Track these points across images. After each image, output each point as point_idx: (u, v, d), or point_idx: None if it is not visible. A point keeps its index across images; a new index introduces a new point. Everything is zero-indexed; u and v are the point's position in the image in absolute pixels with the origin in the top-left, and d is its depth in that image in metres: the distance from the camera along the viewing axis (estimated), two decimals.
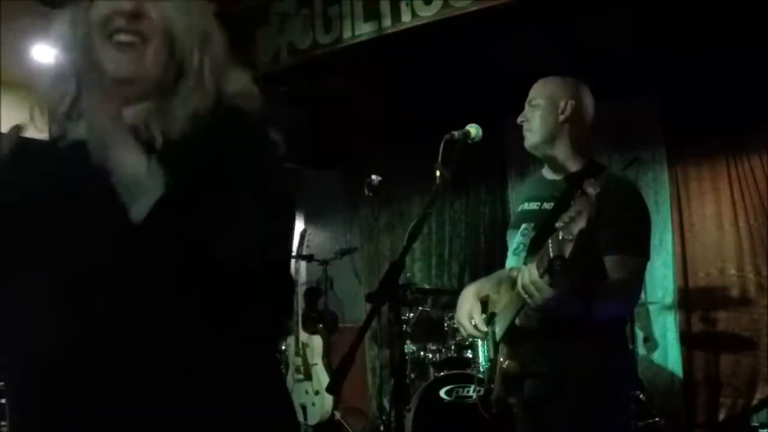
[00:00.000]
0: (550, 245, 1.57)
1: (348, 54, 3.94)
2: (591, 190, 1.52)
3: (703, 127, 4.59)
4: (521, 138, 2.13)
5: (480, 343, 2.16)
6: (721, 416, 4.50)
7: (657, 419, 3.83)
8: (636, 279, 1.88)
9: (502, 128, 5.27)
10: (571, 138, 2.05)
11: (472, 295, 2.12)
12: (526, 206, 2.11)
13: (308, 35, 3.98)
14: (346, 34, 3.84)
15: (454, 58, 4.45)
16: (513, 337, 1.93)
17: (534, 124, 2.05)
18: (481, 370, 2.17)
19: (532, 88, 2.13)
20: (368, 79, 4.76)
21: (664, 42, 4.19)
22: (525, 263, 1.90)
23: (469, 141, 1.94)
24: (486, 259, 5.52)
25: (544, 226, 1.90)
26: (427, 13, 3.55)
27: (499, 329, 1.98)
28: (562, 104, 2.05)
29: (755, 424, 4.34)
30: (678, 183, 4.78)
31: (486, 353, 2.12)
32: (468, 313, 2.07)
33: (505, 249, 2.26)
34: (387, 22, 3.69)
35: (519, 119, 2.09)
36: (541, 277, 1.63)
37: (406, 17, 3.62)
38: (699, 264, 4.68)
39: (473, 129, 1.96)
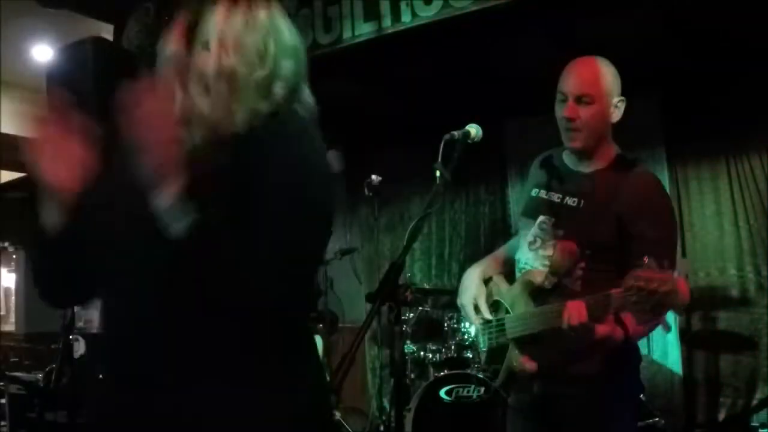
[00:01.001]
0: (612, 299, 1.58)
1: (348, 54, 3.94)
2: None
3: (703, 127, 4.59)
4: (521, 138, 2.12)
5: (480, 328, 2.12)
6: (721, 416, 4.50)
7: (657, 419, 3.83)
8: None
9: (502, 128, 5.28)
10: (609, 137, 1.96)
11: (477, 278, 2.10)
12: (545, 195, 2.00)
13: (308, 35, 3.98)
14: (346, 34, 3.85)
15: (454, 58, 4.45)
16: (526, 339, 1.90)
17: (587, 124, 1.89)
18: (480, 348, 2.14)
19: (577, 76, 1.94)
20: (368, 79, 4.76)
21: (664, 42, 4.19)
22: (550, 272, 1.88)
23: (469, 141, 1.93)
24: None
25: (575, 233, 1.86)
26: (427, 13, 3.55)
27: (511, 330, 1.95)
28: (614, 102, 1.92)
29: (755, 424, 4.33)
30: (678, 183, 4.78)
31: (487, 340, 2.08)
32: (473, 298, 2.06)
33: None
34: (387, 22, 3.70)
35: (567, 115, 1.89)
36: (590, 318, 1.65)
37: (406, 17, 3.63)
38: (699, 264, 4.68)
39: (473, 129, 1.94)
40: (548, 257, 1.90)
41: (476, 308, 2.06)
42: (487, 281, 2.10)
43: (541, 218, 1.96)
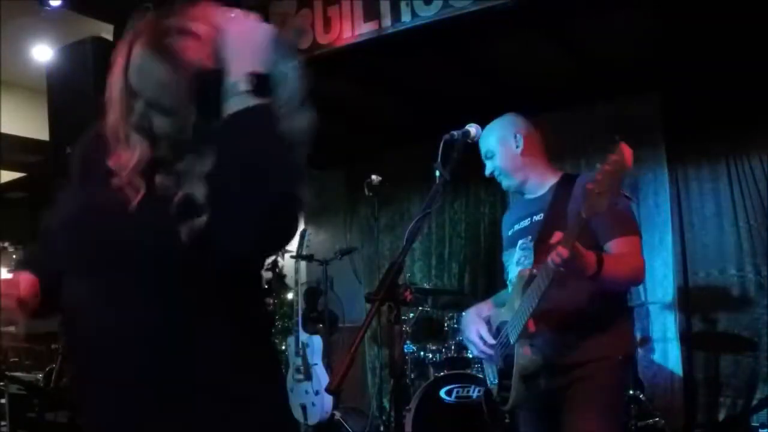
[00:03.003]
0: (582, 214, 1.73)
1: (348, 54, 3.94)
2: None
3: (703, 127, 4.59)
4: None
5: (486, 362, 2.27)
6: (721, 416, 4.50)
7: (657, 419, 3.83)
8: (639, 252, 2.03)
9: None
10: (534, 161, 2.24)
11: (475, 315, 2.25)
12: (518, 227, 2.24)
13: (308, 35, 3.98)
14: (346, 34, 3.84)
15: (453, 58, 4.46)
16: (528, 334, 1.99)
17: (501, 170, 2.24)
18: (490, 385, 2.27)
19: (480, 144, 2.25)
20: (368, 79, 4.76)
21: (664, 42, 4.19)
22: (535, 261, 2.02)
23: (469, 141, 1.95)
24: (486, 259, 5.52)
25: (546, 233, 2.00)
26: (427, 13, 3.55)
27: (513, 332, 2.03)
28: (511, 141, 2.23)
29: (755, 424, 4.33)
30: (678, 183, 4.78)
31: (495, 367, 2.20)
32: (476, 331, 2.19)
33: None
34: (387, 22, 3.70)
35: (487, 174, 2.29)
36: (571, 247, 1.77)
37: (406, 17, 3.62)
38: (699, 264, 4.68)
39: (473, 129, 1.97)
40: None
41: (480, 338, 2.19)
42: (487, 320, 2.25)
43: (520, 242, 2.17)
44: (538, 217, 2.15)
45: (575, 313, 1.98)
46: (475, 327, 2.20)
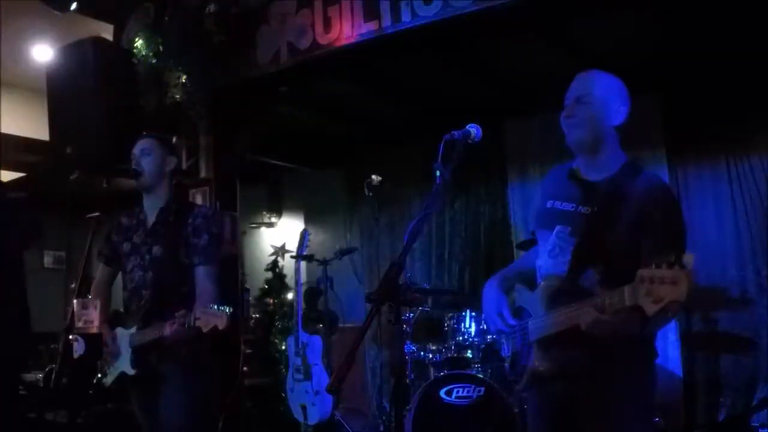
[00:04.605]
0: (626, 294, 1.62)
1: (348, 54, 3.94)
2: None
3: (703, 127, 4.59)
4: (521, 138, 2.15)
5: (505, 335, 2.15)
6: (721, 416, 4.50)
7: (657, 419, 3.83)
8: None
9: (502, 128, 5.28)
10: (615, 142, 2.06)
11: (496, 289, 2.13)
12: (559, 205, 2.06)
13: (308, 35, 3.98)
14: (346, 34, 3.84)
15: (454, 58, 4.46)
16: (549, 340, 1.92)
17: (582, 120, 2.01)
18: (505, 357, 2.17)
19: (578, 81, 2.06)
20: (368, 79, 4.76)
21: (664, 42, 4.19)
22: (570, 276, 1.91)
23: (469, 141, 1.95)
24: (486, 258, 5.51)
25: (589, 239, 1.91)
26: (427, 13, 3.55)
27: (534, 333, 1.97)
28: (614, 107, 2.04)
29: (755, 424, 4.33)
30: (678, 183, 4.78)
31: (512, 345, 2.12)
32: (496, 307, 2.09)
33: (504, 248, 2.28)
34: (387, 22, 3.69)
35: (564, 115, 2.03)
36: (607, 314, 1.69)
37: (406, 17, 3.62)
38: (699, 264, 4.65)
39: (473, 129, 1.96)
40: (567, 262, 1.94)
41: (500, 315, 2.09)
42: (509, 291, 2.15)
43: (557, 228, 2.01)
44: (584, 209, 1.97)
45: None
46: (495, 303, 2.09)
